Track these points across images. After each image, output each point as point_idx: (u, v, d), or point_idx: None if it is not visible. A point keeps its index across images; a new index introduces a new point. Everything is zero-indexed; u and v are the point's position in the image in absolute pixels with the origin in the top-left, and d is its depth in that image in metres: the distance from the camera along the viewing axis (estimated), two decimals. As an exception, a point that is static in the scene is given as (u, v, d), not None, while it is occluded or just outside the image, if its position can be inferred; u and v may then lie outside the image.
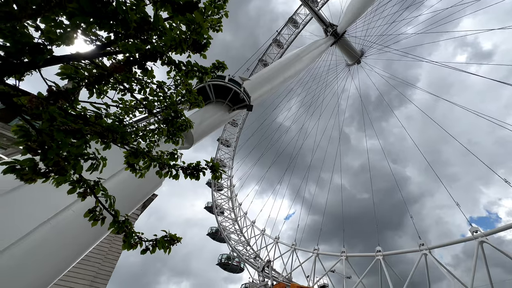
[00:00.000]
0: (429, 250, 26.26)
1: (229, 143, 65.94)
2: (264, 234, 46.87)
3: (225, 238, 48.21)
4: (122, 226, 1.84)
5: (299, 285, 32.24)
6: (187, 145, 12.06)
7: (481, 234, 23.45)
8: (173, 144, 3.22)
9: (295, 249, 38.62)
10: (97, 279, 16.92)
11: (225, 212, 55.93)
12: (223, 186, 59.58)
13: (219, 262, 45.46)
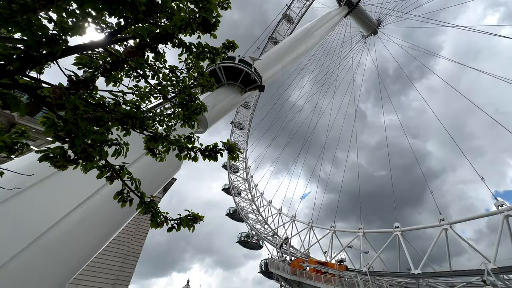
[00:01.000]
0: (450, 225, 25.82)
1: (243, 125, 66.11)
2: (280, 213, 48.02)
3: (243, 217, 49.95)
4: (148, 207, 1.96)
5: (316, 260, 33.30)
6: (201, 129, 12.23)
7: (506, 208, 22.60)
8: (189, 128, 3.28)
9: (312, 226, 39.43)
10: (128, 257, 18.40)
11: (242, 193, 57.43)
12: (239, 168, 60.71)
13: (238, 240, 47.57)
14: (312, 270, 29.74)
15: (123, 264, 17.86)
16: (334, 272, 27.33)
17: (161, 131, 2.73)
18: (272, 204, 51.37)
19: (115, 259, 17.52)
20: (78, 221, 5.49)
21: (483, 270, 17.75)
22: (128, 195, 1.91)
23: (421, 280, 24.41)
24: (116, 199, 1.91)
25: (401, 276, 26.96)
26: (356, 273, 26.58)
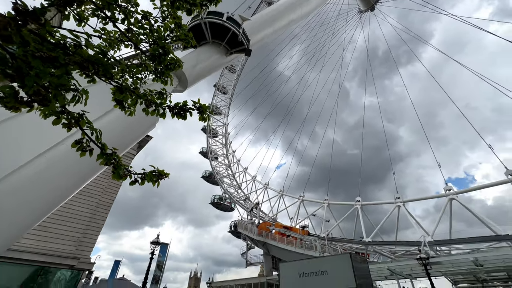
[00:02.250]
0: (404, 203, 28.86)
1: (226, 90, 64.17)
2: (255, 180, 49.91)
3: (218, 181, 51.27)
4: (110, 158, 1.94)
5: (282, 224, 36.06)
6: (180, 88, 11.67)
7: (453, 192, 25.55)
8: (162, 84, 3.13)
9: (282, 194, 41.80)
10: (98, 209, 18.58)
11: (219, 157, 58.03)
12: (218, 133, 60.41)
13: (212, 201, 49.42)
14: (277, 233, 32.37)
15: (93, 215, 18.10)
16: (296, 236, 30.01)
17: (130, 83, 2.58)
18: (247, 171, 52.94)
19: (85, 210, 17.73)
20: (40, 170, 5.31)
21: (421, 242, 20.57)
22: (88, 144, 1.85)
23: (370, 246, 27.86)
24: (75, 147, 1.85)
25: (354, 242, 30.42)
26: (316, 238, 29.43)
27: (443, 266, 16.29)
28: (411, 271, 18.53)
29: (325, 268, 2.07)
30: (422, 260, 15.42)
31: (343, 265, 1.92)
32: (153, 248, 14.32)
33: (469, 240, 22.37)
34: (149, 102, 2.31)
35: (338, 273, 1.90)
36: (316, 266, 2.12)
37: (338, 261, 1.99)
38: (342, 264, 1.92)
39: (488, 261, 14.82)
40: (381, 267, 19.78)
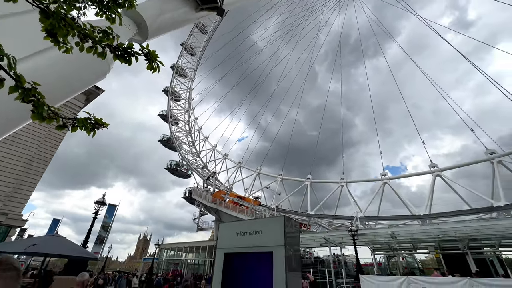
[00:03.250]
0: (346, 183, 32.31)
1: (194, 51, 59.78)
2: (215, 150, 49.71)
3: (177, 147, 49.69)
4: (28, 94, 1.65)
5: (236, 194, 37.47)
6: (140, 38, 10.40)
7: (387, 178, 29.42)
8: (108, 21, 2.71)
9: (240, 166, 42.78)
10: (33, 163, 16.60)
11: (179, 123, 55.67)
12: (181, 97, 57.21)
13: (168, 167, 48.17)
14: (230, 202, 33.65)
15: (26, 169, 16.19)
16: (248, 205, 31.68)
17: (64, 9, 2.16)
18: (208, 140, 52.20)
19: (17, 163, 15.73)
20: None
21: (354, 217, 23.69)
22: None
23: (312, 219, 31.12)
24: (-20, 73, 1.51)
25: (299, 214, 33.51)
26: (266, 208, 31.52)
27: (367, 237, 19.26)
28: (342, 240, 21.45)
29: (260, 228, 2.30)
30: (352, 231, 17.91)
31: (276, 226, 2.15)
32: (97, 208, 13.65)
33: (391, 217, 26.77)
34: (85, 36, 1.99)
35: (270, 233, 2.13)
36: (252, 227, 2.34)
37: (272, 222, 2.21)
38: (275, 225, 2.15)
39: (401, 234, 18.05)
40: (318, 236, 22.42)
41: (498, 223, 16.46)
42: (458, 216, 23.33)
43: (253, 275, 2.37)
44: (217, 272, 2.50)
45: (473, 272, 15.27)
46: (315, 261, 30.68)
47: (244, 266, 2.47)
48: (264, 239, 2.41)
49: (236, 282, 2.41)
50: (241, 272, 2.45)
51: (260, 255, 2.38)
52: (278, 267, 2.20)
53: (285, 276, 2.11)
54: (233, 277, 2.43)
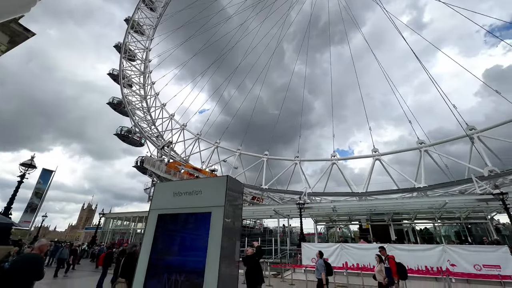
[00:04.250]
0: (300, 161, 34.33)
1: (155, 6, 53.18)
2: (172, 119, 47.02)
3: (129, 112, 45.43)
4: None
5: (192, 165, 36.78)
6: None
7: (336, 159, 32.11)
8: None
9: (199, 138, 41.61)
10: None
11: (133, 86, 50.56)
12: (137, 57, 51.38)
13: (117, 133, 44.18)
14: (185, 173, 32.93)
15: None
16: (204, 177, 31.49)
17: None
18: (165, 108, 48.87)
19: None
20: None
21: (303, 192, 25.63)
22: None
23: (265, 192, 32.73)
24: None
25: (253, 188, 34.86)
26: (222, 181, 31.84)
27: (312, 210, 21.20)
28: (290, 212, 23.20)
29: (200, 188, 2.16)
30: (299, 205, 19.40)
31: (217, 186, 2.03)
32: (24, 171, 11.84)
33: (334, 194, 29.86)
34: None
35: (211, 193, 2.01)
36: (191, 186, 2.17)
37: (214, 182, 2.09)
38: (217, 185, 2.03)
39: (340, 208, 20.36)
40: (269, 208, 23.80)
41: (416, 201, 19.64)
42: (388, 194, 27.11)
43: (189, 238, 2.25)
44: (148, 235, 2.31)
45: (392, 240, 18.24)
46: (264, 231, 32.89)
47: (180, 227, 2.33)
48: (204, 199, 2.28)
49: (168, 245, 2.27)
50: (176, 235, 2.31)
51: (198, 216, 2.26)
52: (215, 228, 2.11)
53: (221, 237, 2.04)
54: (166, 240, 2.28)
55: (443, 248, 12.51)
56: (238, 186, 2.46)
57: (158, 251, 2.21)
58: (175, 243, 2.26)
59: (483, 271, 11.21)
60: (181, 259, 2.15)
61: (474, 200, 16.85)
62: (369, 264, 13.18)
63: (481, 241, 16.86)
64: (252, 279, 5.99)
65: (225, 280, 1.91)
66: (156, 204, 2.45)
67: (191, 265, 2.08)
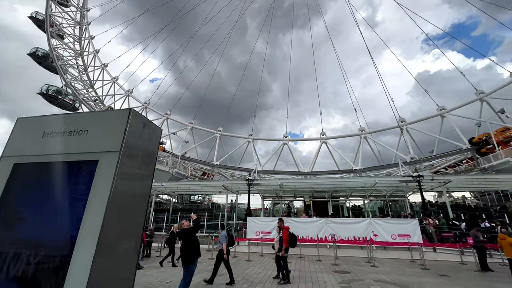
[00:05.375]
0: (253, 140, 34.50)
1: None
2: (115, 83, 41.39)
3: (59, 68, 38.10)
4: None
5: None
6: None
7: (287, 139, 33.22)
8: None
9: (146, 107, 37.83)
10: None
11: (66, 37, 42.27)
12: (71, 2, 42.41)
13: (42, 92, 36.99)
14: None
15: None
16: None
17: None
18: (107, 69, 42.51)
19: None
20: None
21: (253, 170, 25.96)
22: None
23: (216, 169, 32.24)
24: None
25: (204, 163, 33.99)
26: (170, 155, 29.97)
27: (261, 186, 21.70)
28: (239, 188, 23.33)
29: (86, 126, 1.51)
30: (249, 181, 19.53)
31: (111, 123, 1.43)
32: None
33: (282, 172, 31.26)
34: None
35: (101, 133, 1.40)
36: (73, 123, 1.50)
37: (107, 117, 1.46)
38: (111, 121, 1.42)
39: (287, 185, 21.38)
40: (218, 183, 23.47)
41: (351, 180, 21.77)
42: (330, 174, 29.56)
43: (60, 199, 1.50)
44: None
45: (329, 214, 20.06)
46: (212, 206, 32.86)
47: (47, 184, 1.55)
48: (89, 142, 1.56)
49: (25, 210, 1.48)
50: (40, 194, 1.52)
51: (80, 165, 1.54)
52: (101, 185, 1.43)
53: (108, 198, 1.37)
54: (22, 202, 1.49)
55: (370, 221, 14.17)
56: (149, 127, 1.78)
57: (7, 219, 1.42)
58: (35, 206, 1.48)
59: (397, 239, 13.11)
60: (42, 230, 1.41)
61: (397, 181, 19.46)
62: (307, 236, 14.17)
63: (399, 215, 19.82)
64: (188, 254, 5.51)
65: (104, 267, 1.31)
66: (11, 149, 1.60)
67: (53, 238, 1.37)
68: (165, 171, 27.25)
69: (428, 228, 14.47)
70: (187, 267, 5.45)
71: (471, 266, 10.58)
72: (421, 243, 12.46)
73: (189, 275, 5.44)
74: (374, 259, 11.30)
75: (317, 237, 13.55)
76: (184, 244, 5.59)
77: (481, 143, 26.09)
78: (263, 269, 9.54)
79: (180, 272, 5.66)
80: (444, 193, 21.23)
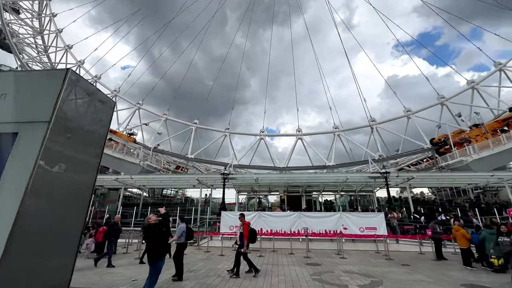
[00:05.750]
0: (230, 134, 34.06)
1: None
2: (81, 67, 38.03)
3: (13, 46, 34.02)
4: None
5: (106, 127, 31.31)
6: None
7: (264, 134, 33.29)
8: None
9: (116, 95, 35.35)
10: None
11: (22, 13, 37.87)
12: (28, -28, 37.83)
13: (-8, 71, 32.72)
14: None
15: None
16: (119, 140, 27.33)
17: None
18: (71, 52, 38.86)
19: None
20: None
21: (229, 164, 25.63)
22: None
23: (190, 162, 31.33)
24: None
25: (178, 156, 32.84)
26: (141, 147, 28.42)
27: (236, 181, 21.49)
28: (214, 182, 22.90)
29: (5, 89, 1.17)
30: (224, 175, 19.19)
31: (43, 87, 1.12)
32: None
33: (258, 167, 31.33)
34: None
35: (28, 99, 1.10)
36: None
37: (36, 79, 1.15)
38: (42, 85, 1.12)
39: (262, 179, 21.45)
40: (192, 177, 22.80)
41: (324, 176, 22.45)
42: (304, 170, 30.24)
43: None
44: None
45: (303, 208, 20.51)
46: (186, 201, 31.96)
47: None
48: (7, 109, 1.20)
49: None
50: None
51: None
52: (17, 167, 1.09)
53: (28, 183, 1.04)
54: None
55: (340, 215, 14.69)
56: (96, 97, 1.44)
57: None
58: None
59: (365, 232, 13.75)
60: None
61: (367, 177, 20.44)
62: (281, 230, 14.30)
63: (367, 209, 20.87)
64: (155, 251, 5.11)
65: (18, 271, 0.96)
66: None
67: None
68: (135, 163, 25.81)
69: (392, 221, 15.40)
70: (154, 265, 5.06)
71: (429, 255, 11.45)
72: (386, 235, 13.20)
73: (155, 273, 5.07)
74: (343, 251, 11.73)
75: (290, 231, 13.72)
76: (150, 240, 5.19)
77: (440, 143, 28.38)
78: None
79: (147, 269, 5.26)
80: (407, 188, 22.80)
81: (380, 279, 7.16)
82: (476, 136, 25.68)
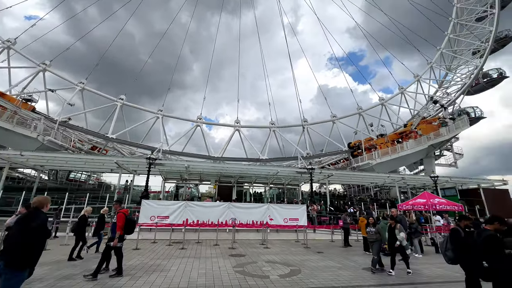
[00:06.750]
0: (163, 116, 31.12)
1: None
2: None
3: None
4: None
5: None
6: None
7: (201, 121, 31.81)
8: None
9: (9, 47, 27.03)
10: None
11: None
12: None
13: None
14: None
15: None
16: (8, 106, 21.01)
17: None
18: None
19: None
20: None
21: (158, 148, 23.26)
22: None
23: (111, 143, 27.10)
24: None
25: (95, 135, 27.86)
26: (42, 117, 22.71)
27: (164, 167, 19.61)
28: (137, 167, 20.33)
29: None
30: (150, 159, 17.15)
31: None
32: None
33: (191, 155, 29.76)
34: None
35: None
36: None
37: None
38: None
39: (194, 167, 20.33)
40: (110, 160, 19.61)
41: (257, 168, 22.96)
42: (238, 161, 30.32)
43: None
44: None
45: (233, 199, 20.40)
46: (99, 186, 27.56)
47: None
48: None
49: None
50: None
51: None
52: None
53: None
54: None
55: (268, 206, 15.15)
56: None
57: None
58: None
59: (288, 223, 14.57)
60: None
61: (295, 172, 21.91)
62: (208, 220, 13.71)
63: (291, 202, 22.40)
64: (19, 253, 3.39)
65: None
66: None
67: None
68: (31, 137, 20.41)
69: (312, 213, 16.90)
70: (15, 272, 3.07)
71: (338, 243, 12.96)
72: (305, 225, 14.31)
73: (16, 283, 3.12)
74: (267, 241, 12.05)
75: (218, 222, 13.30)
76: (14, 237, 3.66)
77: (354, 147, 33.12)
78: (151, 259, 8.32)
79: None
80: (327, 184, 25.65)
81: (298, 268, 7.47)
82: (381, 144, 31.03)
